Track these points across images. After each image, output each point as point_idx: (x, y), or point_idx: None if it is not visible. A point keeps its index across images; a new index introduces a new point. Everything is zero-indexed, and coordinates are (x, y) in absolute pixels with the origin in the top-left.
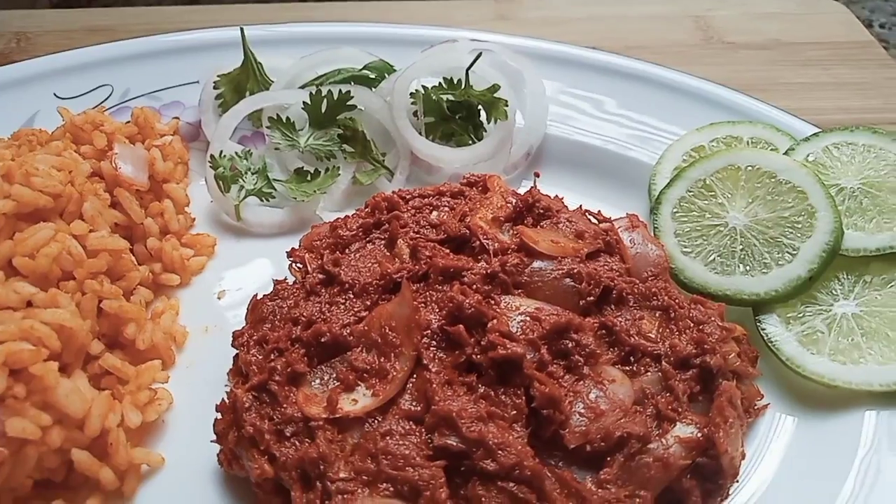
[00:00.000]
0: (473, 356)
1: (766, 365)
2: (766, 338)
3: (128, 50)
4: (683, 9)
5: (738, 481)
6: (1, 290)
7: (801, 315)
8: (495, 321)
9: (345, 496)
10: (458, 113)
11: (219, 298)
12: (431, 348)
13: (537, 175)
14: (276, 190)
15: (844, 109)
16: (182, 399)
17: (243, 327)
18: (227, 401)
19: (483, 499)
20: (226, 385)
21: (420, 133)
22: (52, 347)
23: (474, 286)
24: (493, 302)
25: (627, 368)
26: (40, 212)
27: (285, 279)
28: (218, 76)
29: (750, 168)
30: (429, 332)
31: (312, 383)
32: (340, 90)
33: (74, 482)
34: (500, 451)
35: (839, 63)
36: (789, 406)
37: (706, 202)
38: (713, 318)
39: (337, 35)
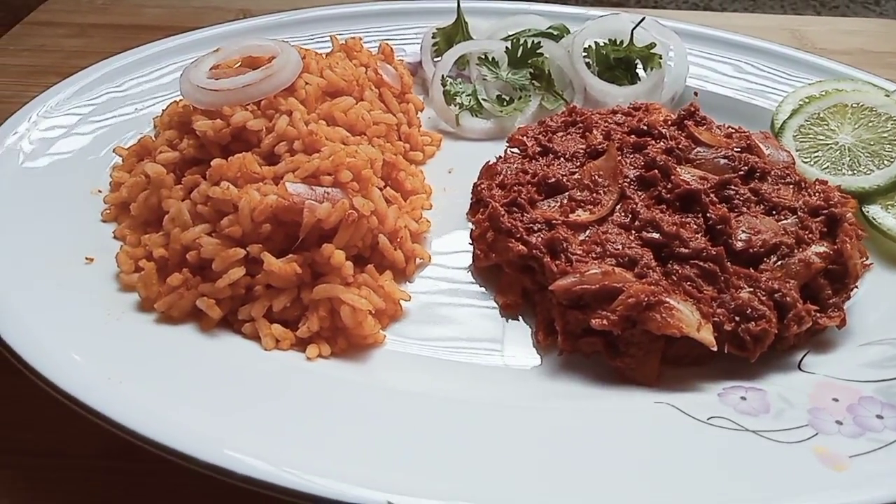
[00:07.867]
0: (663, 193)
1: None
2: (871, 218)
3: (366, 10)
4: (780, 24)
5: (857, 286)
6: (330, 130)
7: None
8: (675, 176)
9: (583, 262)
10: (619, 66)
11: (449, 172)
12: (632, 187)
13: (696, 94)
14: (483, 108)
15: None
16: (436, 225)
17: (480, 180)
18: (480, 216)
19: (680, 271)
20: (469, 219)
21: None
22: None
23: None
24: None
25: (772, 217)
26: (338, 91)
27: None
28: (436, 29)
29: (855, 104)
30: (627, 179)
31: (543, 207)
32: (533, 41)
33: (376, 259)
34: (691, 241)
35: None
36: (889, 268)
37: (820, 129)
38: (835, 191)
39: (521, 9)
